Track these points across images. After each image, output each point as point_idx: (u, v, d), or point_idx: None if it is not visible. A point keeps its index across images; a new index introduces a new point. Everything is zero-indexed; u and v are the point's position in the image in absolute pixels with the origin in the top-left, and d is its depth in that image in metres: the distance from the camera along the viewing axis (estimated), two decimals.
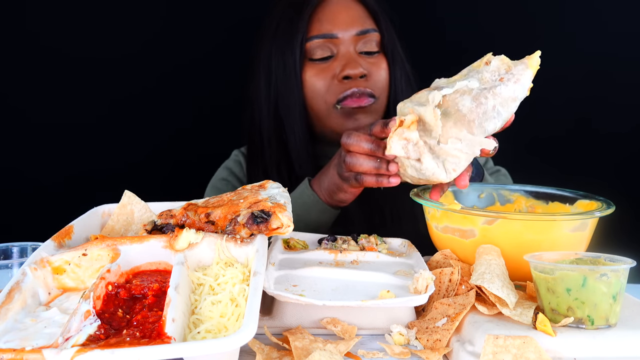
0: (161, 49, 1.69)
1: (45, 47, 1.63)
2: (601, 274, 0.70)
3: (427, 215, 0.96)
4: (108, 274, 0.70)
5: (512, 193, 1.05)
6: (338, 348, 0.70)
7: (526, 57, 0.87)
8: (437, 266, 0.91)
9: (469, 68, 0.89)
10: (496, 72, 0.85)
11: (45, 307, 0.69)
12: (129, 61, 1.68)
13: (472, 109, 0.83)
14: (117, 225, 0.91)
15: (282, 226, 0.80)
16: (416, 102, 0.87)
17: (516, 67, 0.85)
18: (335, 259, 0.92)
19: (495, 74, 0.85)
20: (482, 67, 0.87)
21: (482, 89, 0.84)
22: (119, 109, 1.70)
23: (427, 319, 0.79)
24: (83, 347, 0.55)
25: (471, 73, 0.87)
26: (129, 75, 1.68)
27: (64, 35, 1.64)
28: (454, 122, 0.84)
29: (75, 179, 1.68)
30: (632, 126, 1.68)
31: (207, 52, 1.70)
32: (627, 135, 1.69)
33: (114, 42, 1.66)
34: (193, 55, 1.69)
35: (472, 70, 0.88)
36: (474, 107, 0.83)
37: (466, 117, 0.83)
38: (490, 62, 0.86)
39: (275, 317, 0.79)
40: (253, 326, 0.58)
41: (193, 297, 0.70)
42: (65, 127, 1.68)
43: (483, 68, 0.86)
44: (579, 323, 0.71)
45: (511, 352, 0.66)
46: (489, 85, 0.84)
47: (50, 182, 1.69)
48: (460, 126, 0.84)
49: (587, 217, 0.86)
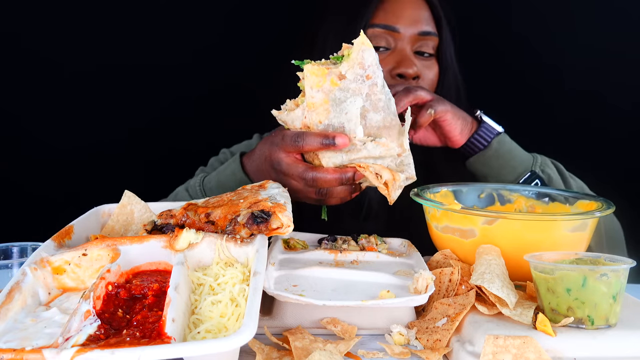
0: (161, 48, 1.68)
1: (29, 50, 1.63)
2: (601, 274, 0.70)
3: (427, 215, 0.96)
4: (108, 274, 0.70)
5: (512, 193, 1.05)
6: (338, 348, 0.70)
7: (348, 47, 0.94)
8: (437, 266, 0.91)
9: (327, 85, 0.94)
10: (354, 74, 0.93)
11: (45, 307, 0.69)
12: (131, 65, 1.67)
13: (381, 118, 0.95)
14: (117, 225, 0.91)
15: (282, 226, 0.80)
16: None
17: (355, 58, 0.92)
18: (335, 259, 0.92)
19: (357, 77, 0.93)
20: (339, 80, 0.93)
21: (366, 100, 0.93)
22: (120, 110, 1.70)
23: (427, 319, 0.79)
24: (83, 347, 0.55)
25: (337, 94, 0.93)
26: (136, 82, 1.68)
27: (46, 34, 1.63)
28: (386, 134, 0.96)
29: (76, 179, 1.68)
30: (632, 126, 1.68)
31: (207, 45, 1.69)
32: (627, 135, 1.69)
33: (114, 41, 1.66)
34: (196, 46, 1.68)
35: (335, 89, 0.93)
36: (381, 117, 0.95)
37: (384, 125, 0.95)
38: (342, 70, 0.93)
39: (275, 317, 0.79)
40: (253, 326, 0.58)
41: (193, 297, 0.70)
42: (65, 127, 1.68)
43: (343, 81, 0.93)
44: (579, 323, 0.71)
45: (511, 352, 0.66)
46: (365, 91, 0.93)
47: (51, 182, 1.69)
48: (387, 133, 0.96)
49: (587, 217, 0.86)
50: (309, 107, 0.93)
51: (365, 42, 0.92)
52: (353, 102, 0.92)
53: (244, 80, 1.61)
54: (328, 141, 0.92)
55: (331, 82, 0.92)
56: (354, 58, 0.92)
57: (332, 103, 0.93)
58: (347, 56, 0.92)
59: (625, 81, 1.65)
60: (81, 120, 1.68)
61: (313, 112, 0.93)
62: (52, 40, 1.62)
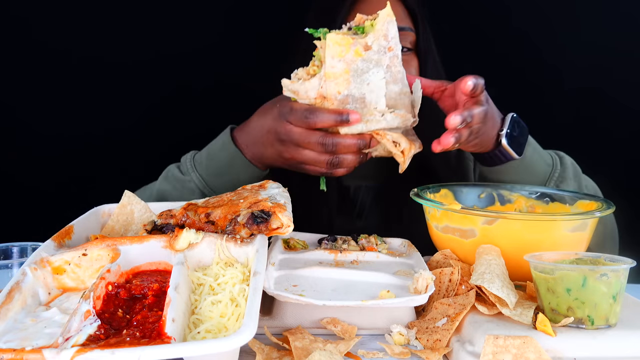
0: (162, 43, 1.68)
1: (38, 41, 1.63)
2: (601, 274, 0.70)
3: (427, 215, 0.96)
4: (108, 274, 0.70)
5: (512, 193, 1.05)
6: (338, 348, 0.70)
7: (369, 18, 0.94)
8: (437, 266, 0.91)
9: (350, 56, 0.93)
10: (378, 45, 0.92)
11: (45, 307, 0.69)
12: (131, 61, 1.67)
13: (398, 90, 0.95)
14: (117, 225, 0.91)
15: (282, 226, 0.80)
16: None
17: (381, 29, 0.92)
18: (335, 259, 0.92)
19: (380, 48, 0.93)
20: (364, 51, 0.92)
21: (386, 71, 0.93)
22: (120, 112, 1.70)
23: (427, 319, 0.79)
24: (83, 347, 0.55)
25: (359, 64, 0.92)
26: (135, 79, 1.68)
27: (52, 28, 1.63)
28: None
29: (76, 179, 1.68)
30: (633, 127, 1.68)
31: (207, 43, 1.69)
32: (628, 135, 1.69)
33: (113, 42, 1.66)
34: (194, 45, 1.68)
35: (357, 60, 0.92)
36: (399, 88, 0.95)
37: (399, 97, 0.96)
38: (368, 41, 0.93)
39: (275, 317, 0.79)
40: (253, 326, 0.58)
41: (193, 297, 0.70)
42: (64, 126, 1.68)
43: (367, 52, 0.92)
44: (579, 323, 0.71)
45: (511, 352, 0.66)
46: (386, 63, 0.93)
47: (51, 182, 1.69)
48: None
49: (587, 217, 0.86)
50: (327, 76, 0.92)
51: (390, 13, 0.92)
52: (375, 73, 0.93)
53: (243, 79, 1.61)
54: (342, 118, 0.92)
55: (355, 52, 0.91)
56: (379, 29, 0.92)
57: (353, 73, 0.92)
58: (372, 27, 0.92)
59: (628, 79, 1.65)
60: (81, 119, 1.68)
61: (332, 82, 0.92)
62: (53, 30, 1.62)
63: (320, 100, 0.95)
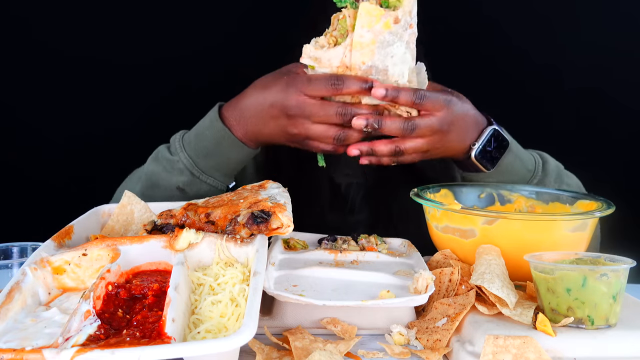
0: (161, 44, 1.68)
1: (38, 41, 1.63)
2: (601, 274, 0.70)
3: (427, 215, 0.96)
4: (108, 274, 0.70)
5: (512, 193, 1.05)
6: (338, 348, 0.70)
7: None
8: (437, 266, 0.91)
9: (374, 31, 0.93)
10: (404, 20, 0.93)
11: (45, 307, 0.69)
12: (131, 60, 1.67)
13: (413, 66, 0.97)
14: (117, 225, 0.91)
15: (282, 226, 0.80)
16: None
17: (408, 5, 0.93)
18: (335, 259, 0.92)
19: (405, 24, 0.93)
20: (390, 23, 0.92)
21: (406, 47, 0.94)
22: (120, 112, 1.70)
23: (427, 319, 0.79)
24: (83, 347, 0.55)
25: (386, 37, 0.92)
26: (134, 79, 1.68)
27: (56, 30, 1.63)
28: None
29: (77, 179, 1.68)
30: (634, 127, 1.68)
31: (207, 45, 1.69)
32: (629, 135, 1.69)
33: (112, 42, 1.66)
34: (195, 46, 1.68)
35: (384, 33, 0.92)
36: (413, 65, 0.97)
37: (411, 72, 0.97)
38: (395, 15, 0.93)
39: (275, 317, 0.79)
40: (253, 326, 0.58)
41: (193, 297, 0.70)
42: (65, 127, 1.68)
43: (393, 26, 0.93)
44: (579, 323, 0.71)
45: (511, 352, 0.66)
46: (406, 39, 0.94)
47: (51, 182, 1.69)
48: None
49: (587, 217, 0.86)
50: (354, 46, 0.93)
51: None
52: (399, 46, 0.93)
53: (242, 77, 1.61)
54: (367, 85, 0.93)
55: (385, 24, 0.92)
56: (407, 5, 0.92)
57: (379, 45, 0.92)
58: (399, 2, 0.93)
59: (628, 79, 1.65)
60: (81, 119, 1.68)
61: (358, 51, 0.92)
62: (53, 31, 1.62)
63: (343, 70, 0.95)
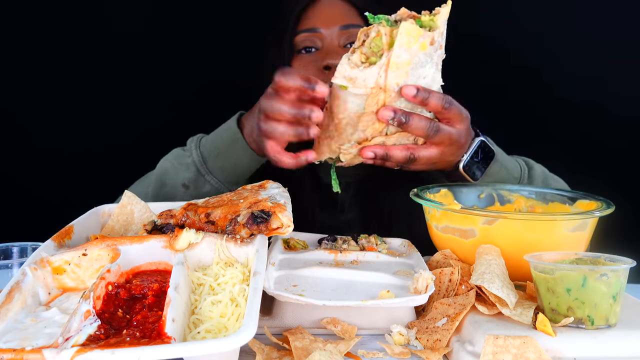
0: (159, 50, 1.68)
1: (28, 53, 1.63)
2: (601, 274, 0.70)
3: (427, 215, 0.96)
4: (108, 274, 0.70)
5: (512, 193, 1.05)
6: (338, 348, 0.70)
7: (428, 13, 0.91)
8: (437, 266, 0.91)
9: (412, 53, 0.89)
10: (437, 41, 0.90)
11: (45, 307, 0.69)
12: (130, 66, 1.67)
13: (438, 88, 0.94)
14: (117, 225, 0.91)
15: (282, 226, 0.80)
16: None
17: (442, 25, 0.90)
18: (335, 259, 0.92)
19: (437, 45, 0.90)
20: (425, 45, 0.89)
21: (436, 68, 0.92)
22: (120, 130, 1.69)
23: (427, 319, 0.79)
24: (83, 347, 0.55)
25: (421, 57, 0.89)
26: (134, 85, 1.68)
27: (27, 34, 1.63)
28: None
29: (77, 179, 1.68)
30: (632, 134, 1.68)
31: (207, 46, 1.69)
32: (627, 143, 1.69)
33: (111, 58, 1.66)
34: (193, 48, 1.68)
35: (419, 54, 0.89)
36: (439, 87, 0.94)
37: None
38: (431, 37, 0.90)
39: (275, 317, 0.79)
40: (253, 326, 0.58)
41: (193, 297, 0.70)
42: (65, 127, 1.68)
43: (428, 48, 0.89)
44: (579, 323, 0.71)
45: (511, 352, 0.66)
46: (436, 60, 0.92)
47: (51, 182, 1.69)
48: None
49: (587, 217, 0.86)
50: (390, 66, 0.87)
51: (448, 13, 0.90)
52: (430, 68, 0.91)
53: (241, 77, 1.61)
54: (311, 85, 0.90)
55: (421, 45, 0.88)
56: (441, 26, 0.89)
57: (413, 66, 0.88)
58: (434, 22, 0.89)
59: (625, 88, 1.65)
60: (81, 120, 1.68)
61: (394, 72, 0.87)
62: (50, 41, 1.62)
63: (377, 91, 0.88)
